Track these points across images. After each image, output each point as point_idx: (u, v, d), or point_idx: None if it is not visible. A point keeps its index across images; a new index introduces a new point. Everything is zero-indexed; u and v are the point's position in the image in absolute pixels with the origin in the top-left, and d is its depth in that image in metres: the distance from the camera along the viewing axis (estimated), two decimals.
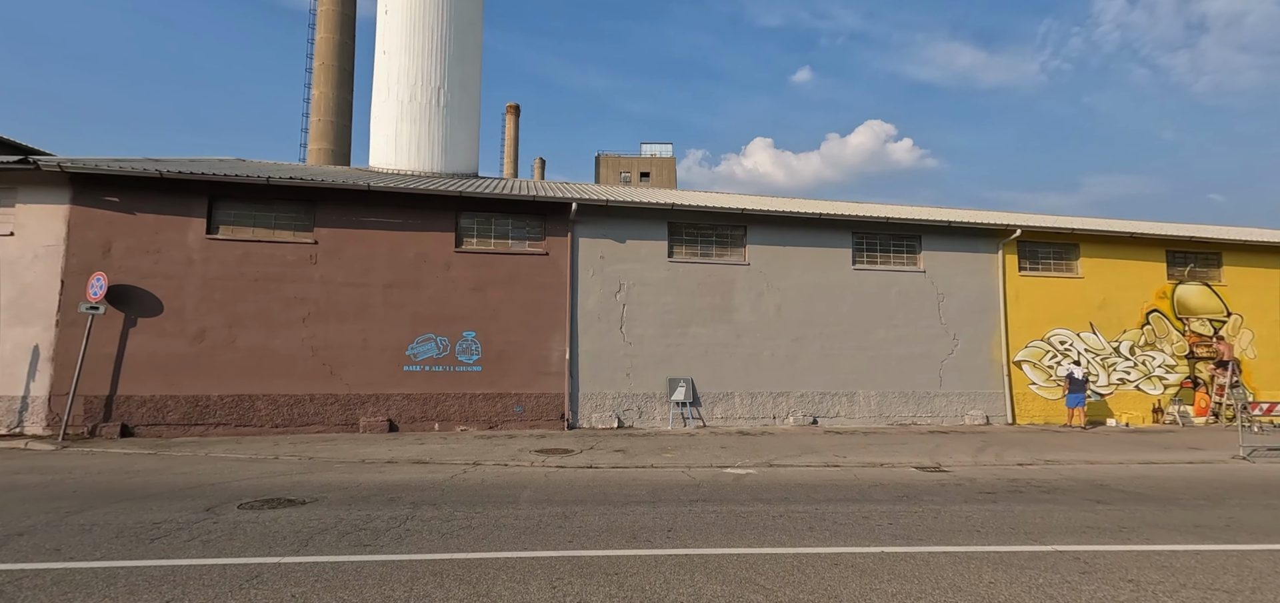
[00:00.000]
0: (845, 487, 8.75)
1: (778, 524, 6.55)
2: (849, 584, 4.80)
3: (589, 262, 15.33)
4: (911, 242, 17.34)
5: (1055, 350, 17.81)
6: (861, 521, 6.77)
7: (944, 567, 5.24)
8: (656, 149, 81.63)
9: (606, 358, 15.20)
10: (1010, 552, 5.69)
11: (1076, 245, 18.42)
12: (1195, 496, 8.36)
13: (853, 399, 16.38)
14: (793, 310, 16.30)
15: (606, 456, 11.16)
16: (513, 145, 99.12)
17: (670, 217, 15.88)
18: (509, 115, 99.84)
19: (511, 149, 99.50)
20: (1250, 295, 19.29)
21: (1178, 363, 18.57)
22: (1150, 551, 5.81)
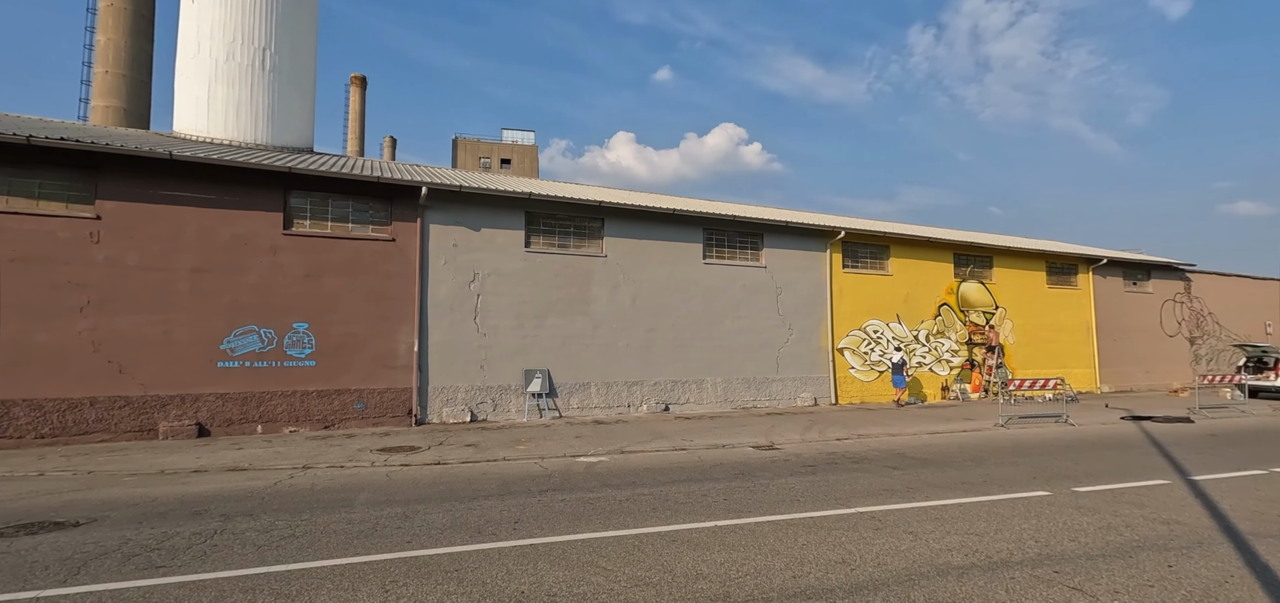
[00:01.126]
0: (689, 468, 9.30)
1: (624, 508, 6.80)
2: (683, 558, 5.13)
3: (441, 249, 14.62)
4: (755, 239, 18.79)
5: (870, 338, 20.38)
6: (700, 499, 7.26)
7: (767, 534, 5.80)
8: (519, 136, 79.65)
9: (460, 350, 14.63)
10: (821, 516, 6.45)
11: (888, 247, 21.19)
12: (965, 458, 10.07)
13: (701, 386, 17.41)
14: (648, 302, 16.90)
15: (457, 451, 10.77)
16: (358, 121, 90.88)
17: (528, 206, 15.65)
18: (354, 87, 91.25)
19: (357, 124, 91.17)
20: (1013, 292, 23.56)
21: (960, 348, 22.18)
22: (927, 506, 6.92)
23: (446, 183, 14.52)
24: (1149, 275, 27.20)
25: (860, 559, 5.12)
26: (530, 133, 77.68)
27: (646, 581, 4.61)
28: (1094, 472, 8.84)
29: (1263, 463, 9.43)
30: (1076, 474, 8.65)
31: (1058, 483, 8.07)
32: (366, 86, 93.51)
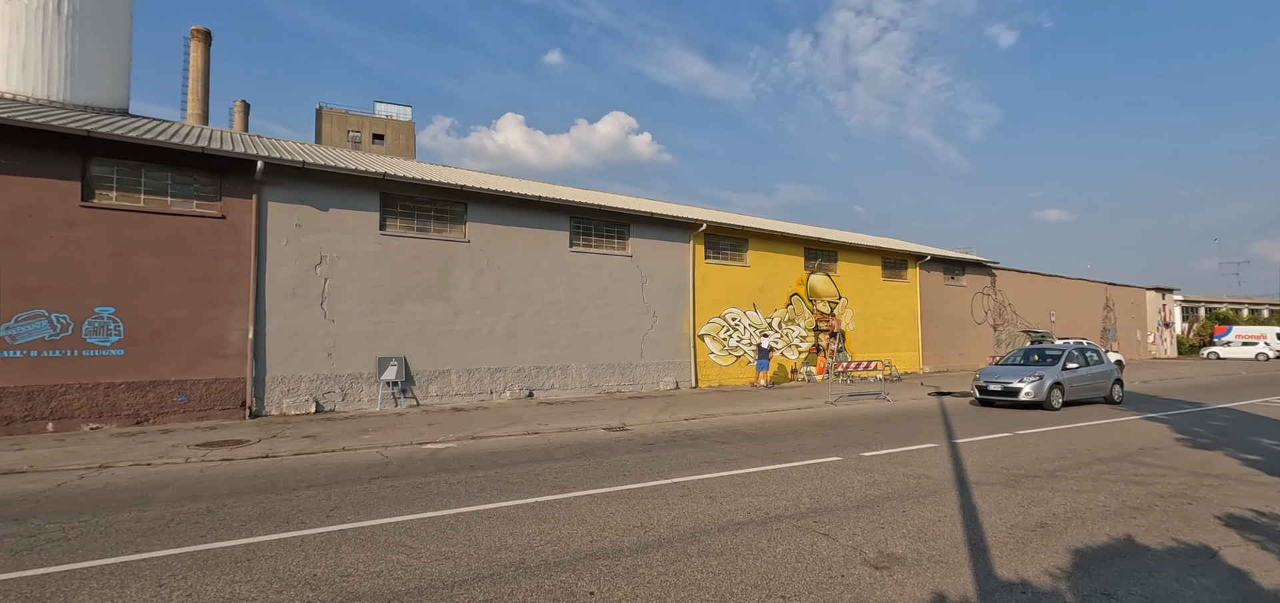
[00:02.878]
0: (535, 451, 9.57)
1: (452, 491, 6.93)
2: (494, 532, 5.40)
3: (282, 229, 13.61)
4: (622, 229, 19.36)
5: (729, 325, 21.83)
6: (533, 478, 7.56)
7: (581, 506, 6.23)
8: (394, 110, 75.09)
9: (304, 337, 13.76)
10: (638, 488, 7.01)
11: (746, 240, 22.75)
12: (788, 432, 11.25)
13: (566, 372, 17.73)
14: (513, 289, 16.88)
15: (291, 442, 10.21)
16: (201, 81, 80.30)
17: (383, 187, 14.98)
18: (195, 42, 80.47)
19: (200, 85, 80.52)
20: (854, 283, 26.25)
21: (808, 334, 24.39)
22: (735, 474, 7.73)
23: (287, 157, 13.50)
24: (964, 271, 31.47)
25: (657, 523, 5.68)
26: (407, 108, 73.44)
27: (448, 555, 4.83)
28: (884, 439, 10.30)
29: (1011, 427, 11.48)
30: (869, 442, 10.03)
31: (851, 450, 9.32)
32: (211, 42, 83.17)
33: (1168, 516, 5.96)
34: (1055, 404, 14.40)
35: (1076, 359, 15.94)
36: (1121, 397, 16.18)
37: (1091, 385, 15.74)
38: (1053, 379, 14.56)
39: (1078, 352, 16.41)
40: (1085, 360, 16.12)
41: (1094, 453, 8.99)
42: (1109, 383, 16.10)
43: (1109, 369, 16.46)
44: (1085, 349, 16.95)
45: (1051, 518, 5.87)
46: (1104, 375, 16.13)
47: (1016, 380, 14.69)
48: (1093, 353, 16.75)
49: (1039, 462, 8.41)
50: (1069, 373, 15.24)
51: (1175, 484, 7.19)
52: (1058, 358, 15.68)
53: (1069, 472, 7.81)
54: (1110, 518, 5.88)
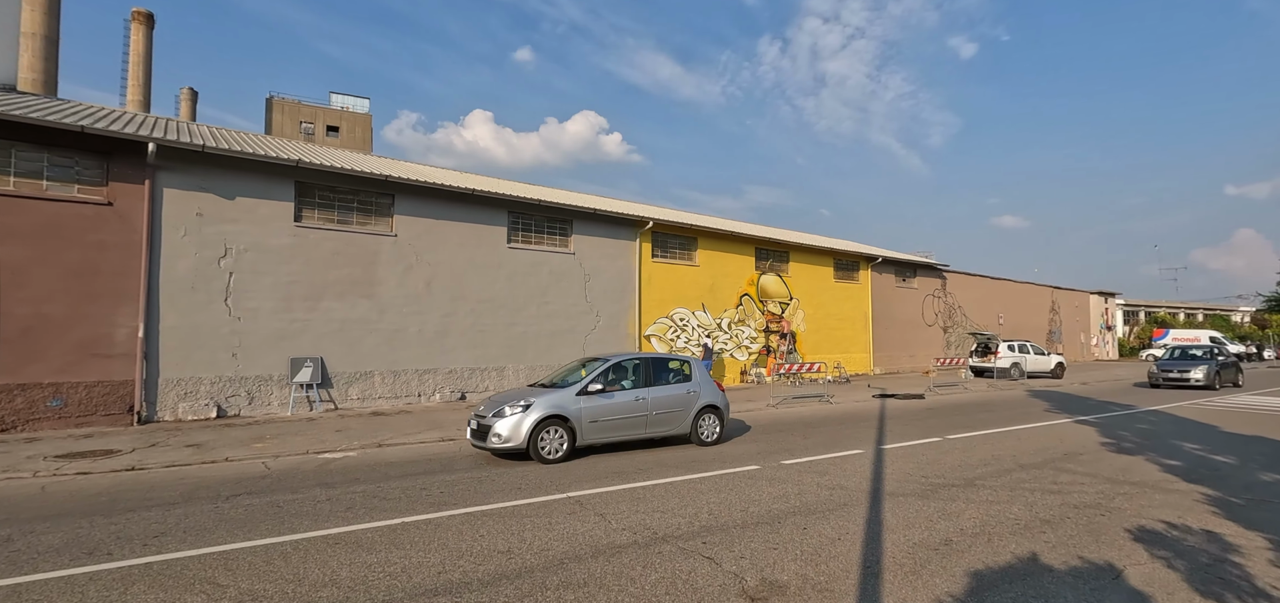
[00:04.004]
0: (439, 460, 8.85)
1: (316, 510, 6.19)
2: (331, 562, 4.71)
3: (179, 219, 12.53)
4: (564, 225, 18.69)
5: (677, 325, 21.35)
6: (416, 493, 6.86)
7: (450, 528, 5.57)
8: (350, 102, 72.90)
9: (204, 336, 12.70)
10: (525, 504, 6.38)
11: (696, 238, 22.32)
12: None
13: (503, 374, 16.97)
14: (444, 286, 16.04)
15: (169, 452, 9.26)
16: (143, 66, 76.58)
17: (299, 175, 13.99)
18: (136, 25, 76.65)
19: (141, 70, 76.82)
20: (806, 284, 26.11)
21: (759, 335, 24.11)
22: (640, 486, 7.17)
23: (184, 141, 12.40)
24: (915, 273, 31.74)
25: (527, 547, 5.07)
26: (364, 100, 71.28)
27: (258, 595, 4.12)
28: (812, 445, 9.90)
29: (942, 432, 11.25)
30: (796, 448, 9.61)
31: (774, 457, 8.88)
32: (154, 26, 79.29)
33: (1078, 530, 5.64)
34: None
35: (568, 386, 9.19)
36: (712, 433, 9.92)
37: (623, 421, 9.20)
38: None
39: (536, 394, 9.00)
40: (607, 382, 9.24)
41: (1018, 460, 8.74)
42: (689, 412, 9.73)
43: (680, 393, 9.81)
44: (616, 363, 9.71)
45: (958, 534, 5.48)
46: (649, 405, 9.39)
47: None
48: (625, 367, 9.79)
49: (960, 469, 8.10)
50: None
51: (1091, 493, 6.92)
52: None
53: (988, 480, 7.50)
54: (1019, 533, 5.52)
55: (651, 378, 9.73)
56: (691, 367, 10.25)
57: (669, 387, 9.76)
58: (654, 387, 9.62)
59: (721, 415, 10.09)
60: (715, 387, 10.32)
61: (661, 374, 9.89)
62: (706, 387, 10.12)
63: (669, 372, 10.03)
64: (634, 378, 9.72)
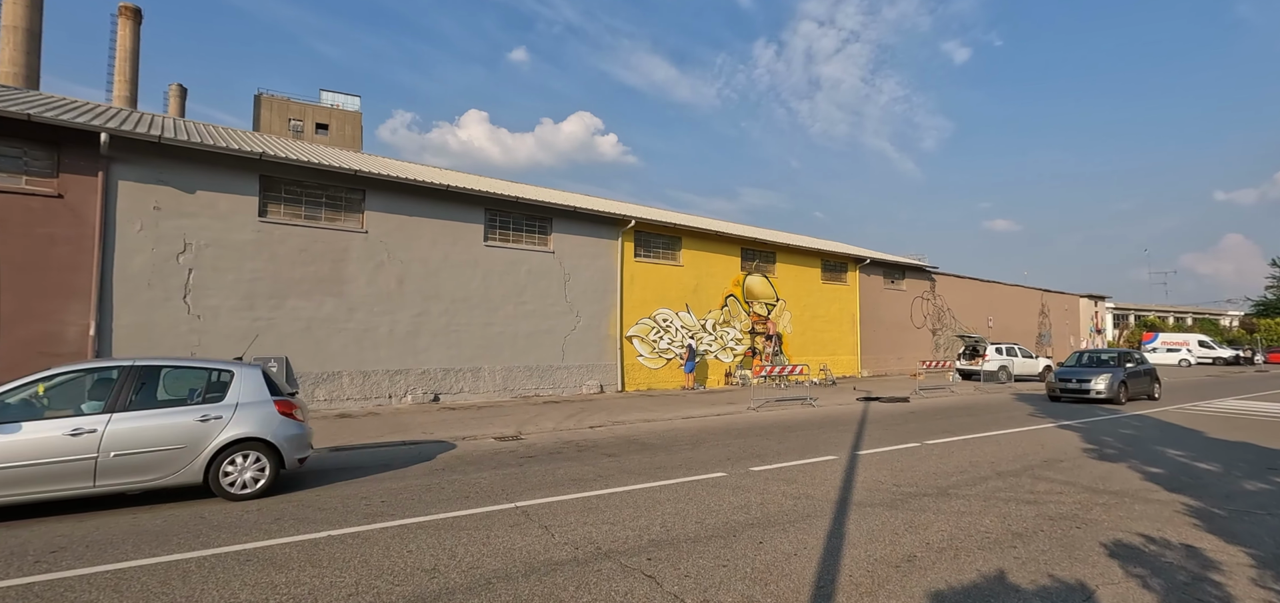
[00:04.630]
0: (395, 463, 8.44)
1: (244, 521, 5.78)
2: (231, 583, 4.30)
3: (135, 212, 12.07)
4: (543, 223, 18.29)
5: (659, 327, 20.99)
6: (352, 504, 6.46)
7: (378, 542, 5.18)
8: (340, 99, 72.33)
9: (161, 334, 12.24)
10: (469, 514, 5.99)
11: (680, 238, 21.96)
12: (686, 443, 10.39)
13: (478, 375, 16.56)
14: (417, 284, 15.62)
15: None
16: (129, 62, 75.81)
17: (263, 169, 13.54)
18: (124, 20, 75.86)
19: (128, 66, 76.05)
20: (792, 285, 25.80)
21: (744, 337, 23.78)
22: (596, 495, 6.79)
23: (139, 131, 11.95)
24: (904, 275, 31.51)
25: (456, 564, 4.69)
26: (355, 98, 70.75)
27: None
28: (785, 450, 9.55)
29: (921, 437, 10.92)
30: (767, 454, 9.26)
31: (743, 463, 8.52)
32: (141, 21, 78.45)
33: (1051, 544, 5.30)
34: None
35: None
36: (252, 481, 6.61)
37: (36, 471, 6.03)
38: None
39: None
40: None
41: (995, 467, 8.41)
42: (199, 450, 6.50)
43: None
44: None
45: (923, 549, 5.13)
46: (107, 441, 6.19)
47: None
48: None
49: (935, 477, 7.76)
50: None
51: (1068, 504, 6.59)
52: None
53: (962, 489, 7.16)
54: (988, 548, 5.17)
55: (132, 398, 6.29)
56: (235, 380, 6.87)
57: (165, 411, 6.39)
58: (132, 411, 6.20)
59: (279, 453, 6.79)
60: (273, 410, 6.91)
61: (151, 390, 6.48)
62: (253, 410, 6.76)
63: (179, 385, 6.80)
64: (97, 396, 6.35)
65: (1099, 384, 16.49)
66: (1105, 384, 16.47)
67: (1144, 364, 18.57)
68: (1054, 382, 17.51)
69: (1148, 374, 18.26)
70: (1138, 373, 17.82)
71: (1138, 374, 17.79)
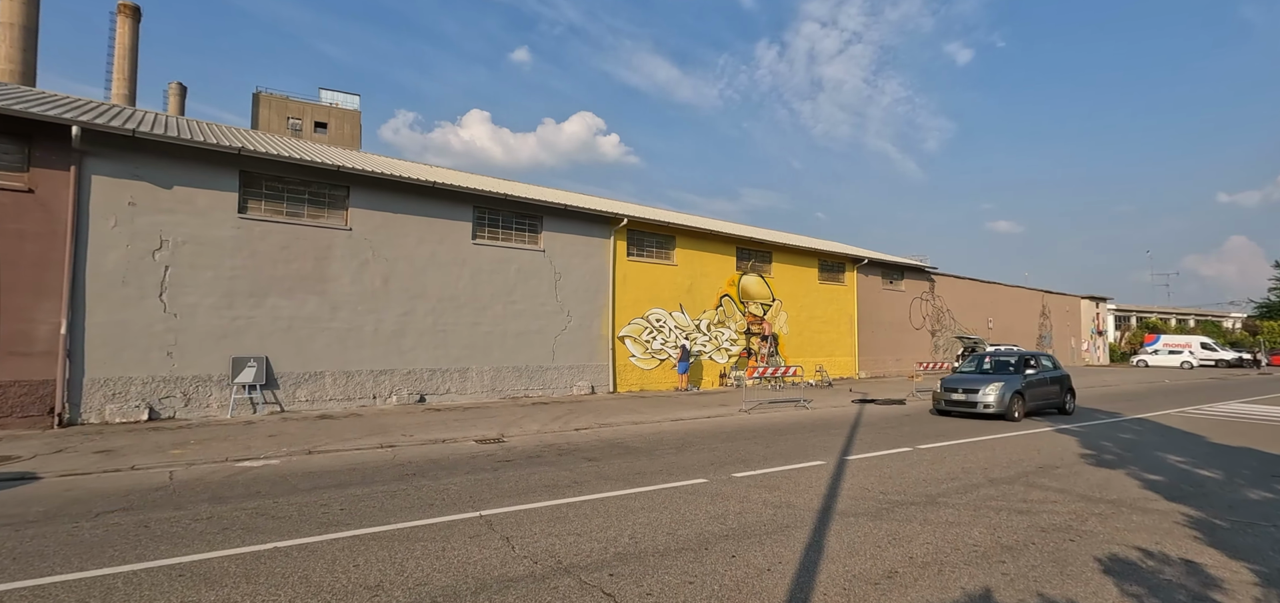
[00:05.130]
0: (366, 470, 8.14)
1: (184, 532, 5.48)
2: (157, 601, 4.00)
3: (109, 208, 11.79)
4: (533, 221, 17.99)
5: (652, 327, 20.68)
6: (315, 511, 6.16)
7: (326, 554, 4.88)
8: (339, 98, 72.23)
9: (137, 333, 11.96)
10: (430, 524, 5.70)
11: (674, 237, 21.64)
12: (670, 447, 10.07)
13: (465, 375, 16.26)
14: (403, 283, 15.32)
15: (73, 459, 8.53)
16: (128, 59, 75.66)
17: (243, 164, 13.25)
18: (122, 18, 75.72)
19: (127, 64, 75.90)
20: (789, 285, 25.47)
21: (739, 337, 23.45)
22: (568, 503, 6.49)
23: (113, 124, 11.66)
24: (902, 275, 31.16)
25: (402, 581, 4.38)
26: (354, 96, 70.64)
27: None
28: (773, 455, 9.24)
29: (913, 441, 10.60)
30: (753, 458, 8.95)
31: (727, 469, 8.21)
32: (140, 18, 78.33)
33: (1042, 559, 4.98)
34: None
35: None
36: None
37: None
38: None
39: None
40: None
41: (988, 474, 8.09)
42: None
43: None
44: None
45: (906, 564, 4.81)
46: None
47: None
48: None
49: (924, 484, 7.44)
50: None
51: (1063, 514, 6.27)
52: None
53: (952, 497, 6.84)
54: (975, 563, 4.86)
55: None
56: None
57: None
58: None
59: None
60: None
61: None
62: None
63: None
64: None
65: (989, 396, 13.40)
66: (996, 397, 13.38)
67: (1051, 371, 15.45)
68: (940, 392, 14.63)
69: (1055, 383, 15.16)
70: (1040, 381, 14.63)
71: (1039, 383, 14.59)
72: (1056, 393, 15.17)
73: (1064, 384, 15.48)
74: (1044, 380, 14.85)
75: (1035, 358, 15.44)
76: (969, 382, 14.20)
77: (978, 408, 13.51)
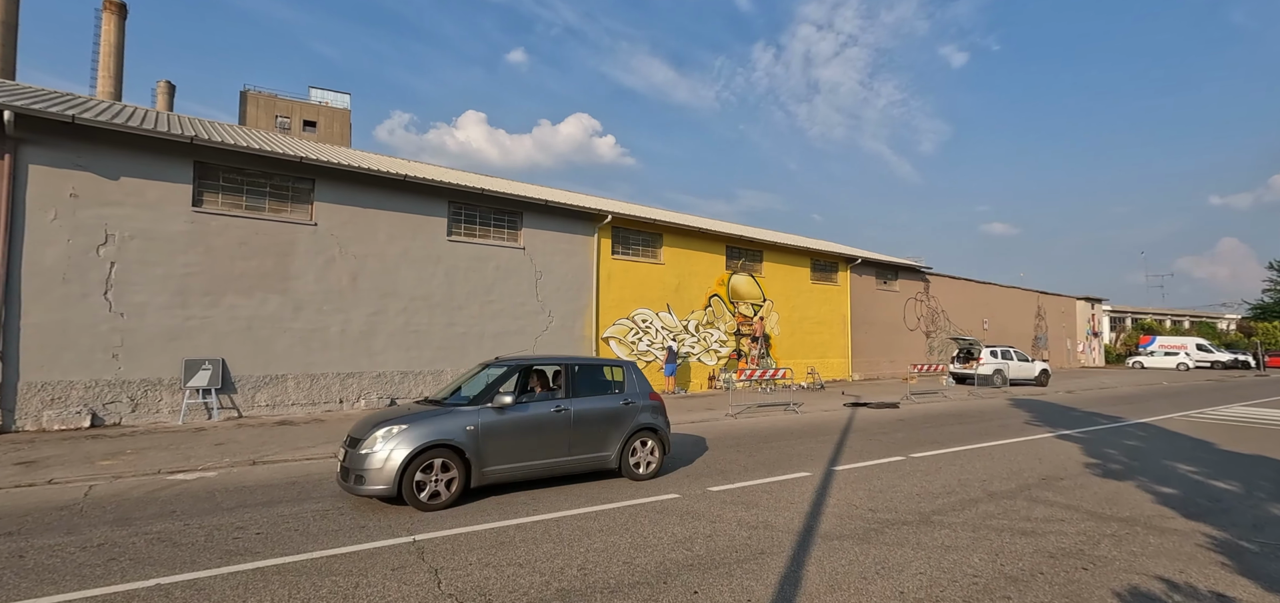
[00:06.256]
0: (307, 484, 7.41)
1: (64, 563, 4.75)
2: None
3: (48, 199, 11.01)
4: (513, 218, 17.26)
5: (638, 328, 19.97)
6: (229, 535, 5.43)
7: (221, 593, 4.15)
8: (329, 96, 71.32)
9: (78, 334, 11.18)
10: (337, 555, 4.97)
11: (660, 235, 20.95)
12: None
13: (440, 377, 15.51)
14: (372, 281, 14.58)
15: None
16: (114, 57, 74.50)
17: (198, 155, 12.48)
18: (108, 15, 74.51)
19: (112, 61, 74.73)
20: (780, 285, 24.81)
21: (729, 339, 22.77)
22: (513, 525, 5.77)
23: (52, 110, 10.88)
24: (897, 275, 30.55)
25: None
26: (344, 95, 69.73)
27: None
28: (755, 464, 8.55)
29: (907, 449, 9.92)
30: (733, 469, 8.25)
31: (701, 482, 7.51)
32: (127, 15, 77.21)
33: (1052, 594, 4.30)
34: None
35: None
36: None
37: None
38: None
39: None
40: None
41: (987, 486, 7.42)
42: None
43: None
44: None
45: (896, 601, 4.12)
46: None
47: None
48: None
49: (918, 499, 6.76)
50: None
51: (1072, 535, 5.60)
52: None
53: (949, 514, 6.16)
54: (976, 600, 4.17)
55: None
56: None
57: None
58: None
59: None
60: None
61: None
62: None
63: None
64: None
65: (371, 459, 6.15)
66: (378, 462, 6.15)
67: (613, 400, 7.62)
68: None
69: (610, 421, 7.44)
70: (548, 419, 7.05)
71: (546, 423, 7.03)
72: (608, 435, 7.42)
73: (609, 420, 7.43)
74: (571, 416, 7.15)
75: (517, 368, 7.42)
76: (388, 424, 6.45)
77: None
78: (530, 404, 7.11)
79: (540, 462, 6.96)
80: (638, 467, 7.60)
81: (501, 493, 6.89)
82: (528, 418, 6.96)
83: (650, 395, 8.00)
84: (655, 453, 7.77)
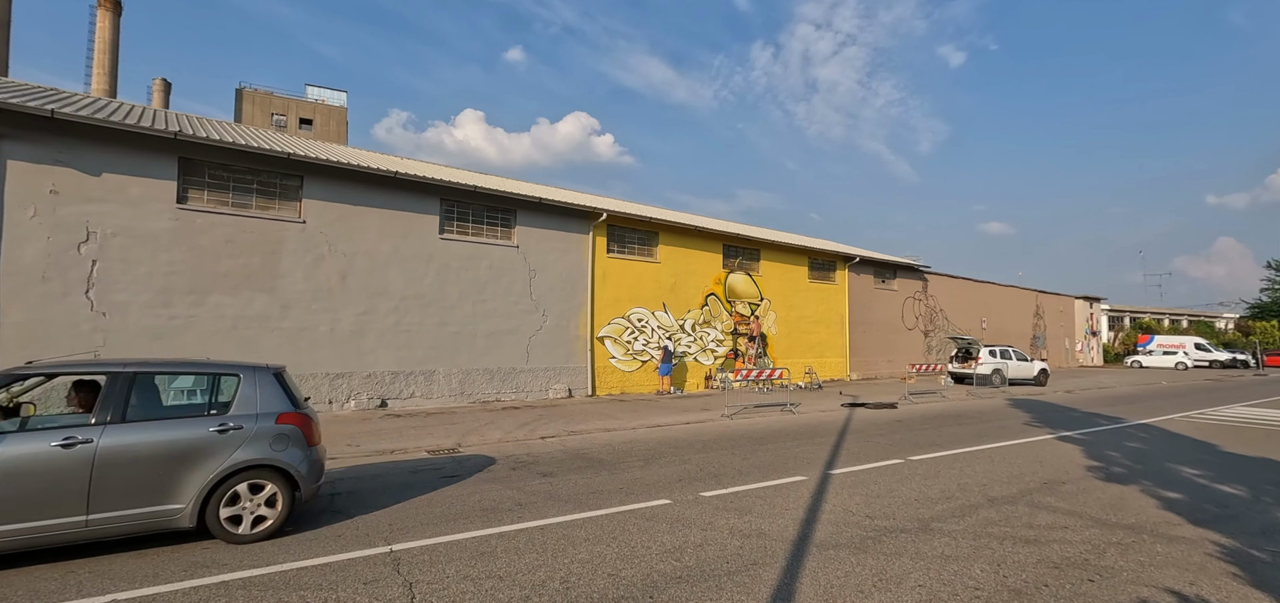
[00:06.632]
0: None
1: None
2: None
3: (26, 196, 10.76)
4: (506, 215, 17.03)
5: (634, 327, 19.75)
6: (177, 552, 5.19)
7: None
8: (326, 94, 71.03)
9: (58, 334, 10.93)
10: (307, 567, 4.75)
11: (656, 233, 20.72)
12: (641, 458, 9.15)
13: (432, 378, 15.28)
14: (362, 280, 14.34)
15: None
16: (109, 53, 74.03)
17: (183, 150, 12.24)
18: (103, 12, 74.04)
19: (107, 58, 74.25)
20: (778, 284, 24.60)
21: (725, 338, 22.56)
22: (496, 533, 5.55)
23: (30, 105, 10.63)
24: (895, 274, 30.36)
25: None
26: (341, 93, 69.46)
27: None
28: (750, 468, 8.33)
29: (905, 451, 9.71)
30: (728, 473, 8.04)
31: (693, 487, 7.29)
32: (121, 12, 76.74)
33: None
34: None
35: None
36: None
37: None
38: None
39: None
40: None
41: (987, 491, 7.21)
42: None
43: None
44: None
45: None
46: None
47: None
48: None
49: (917, 505, 6.55)
50: None
51: (1077, 543, 5.39)
52: None
53: (948, 521, 5.95)
54: None
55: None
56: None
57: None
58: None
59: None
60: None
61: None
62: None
63: None
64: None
65: None
66: None
67: None
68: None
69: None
70: None
71: None
72: None
73: (247, 449, 5.38)
74: (94, 452, 4.78)
75: None
76: None
77: None
78: (5, 436, 4.55)
79: (19, 526, 4.42)
80: (235, 523, 5.16)
81: (493, 499, 6.67)
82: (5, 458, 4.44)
83: (282, 417, 5.55)
84: (278, 504, 5.35)
